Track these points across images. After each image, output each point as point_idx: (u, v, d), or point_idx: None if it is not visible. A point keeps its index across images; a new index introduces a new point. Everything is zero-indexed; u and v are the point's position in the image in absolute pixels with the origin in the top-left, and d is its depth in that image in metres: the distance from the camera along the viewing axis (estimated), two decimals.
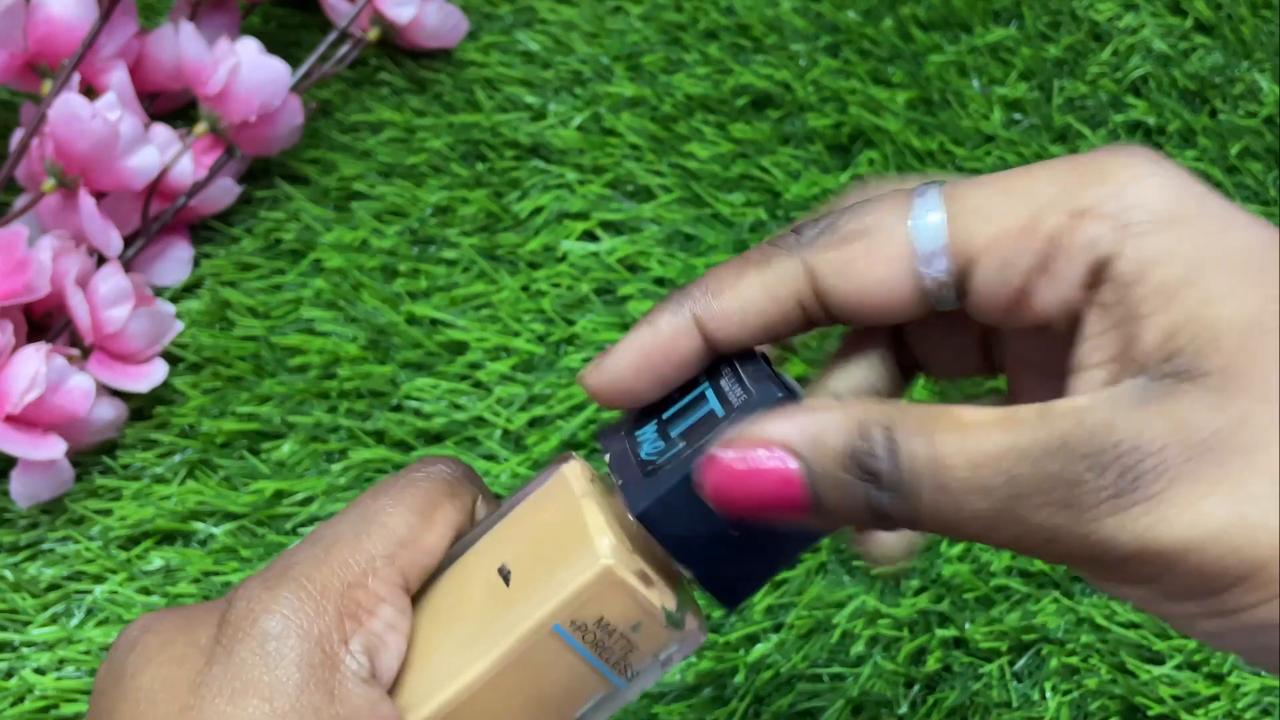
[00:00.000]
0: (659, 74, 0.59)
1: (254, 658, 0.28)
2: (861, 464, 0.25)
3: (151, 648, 0.29)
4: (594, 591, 0.28)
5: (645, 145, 0.58)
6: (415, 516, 0.30)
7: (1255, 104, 0.57)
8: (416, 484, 0.31)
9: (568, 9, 0.61)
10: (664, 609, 0.29)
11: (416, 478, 0.31)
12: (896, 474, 0.25)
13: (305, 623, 0.28)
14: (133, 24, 0.54)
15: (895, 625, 0.47)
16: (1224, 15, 0.59)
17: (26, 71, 0.53)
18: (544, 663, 0.29)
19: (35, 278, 0.48)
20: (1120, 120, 0.58)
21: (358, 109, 0.59)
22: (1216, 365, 0.24)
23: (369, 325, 0.54)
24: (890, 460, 0.25)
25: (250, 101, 0.53)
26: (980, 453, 0.25)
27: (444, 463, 0.32)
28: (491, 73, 0.60)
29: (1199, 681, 0.45)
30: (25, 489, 0.49)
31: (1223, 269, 0.25)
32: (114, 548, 0.50)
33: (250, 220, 0.57)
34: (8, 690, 0.47)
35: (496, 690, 0.29)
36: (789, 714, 0.46)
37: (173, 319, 0.52)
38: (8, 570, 0.49)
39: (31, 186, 0.53)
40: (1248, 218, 0.27)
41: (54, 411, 0.48)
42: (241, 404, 0.52)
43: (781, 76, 0.59)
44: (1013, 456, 0.25)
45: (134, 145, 0.51)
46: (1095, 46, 0.60)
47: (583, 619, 0.29)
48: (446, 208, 0.57)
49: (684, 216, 0.56)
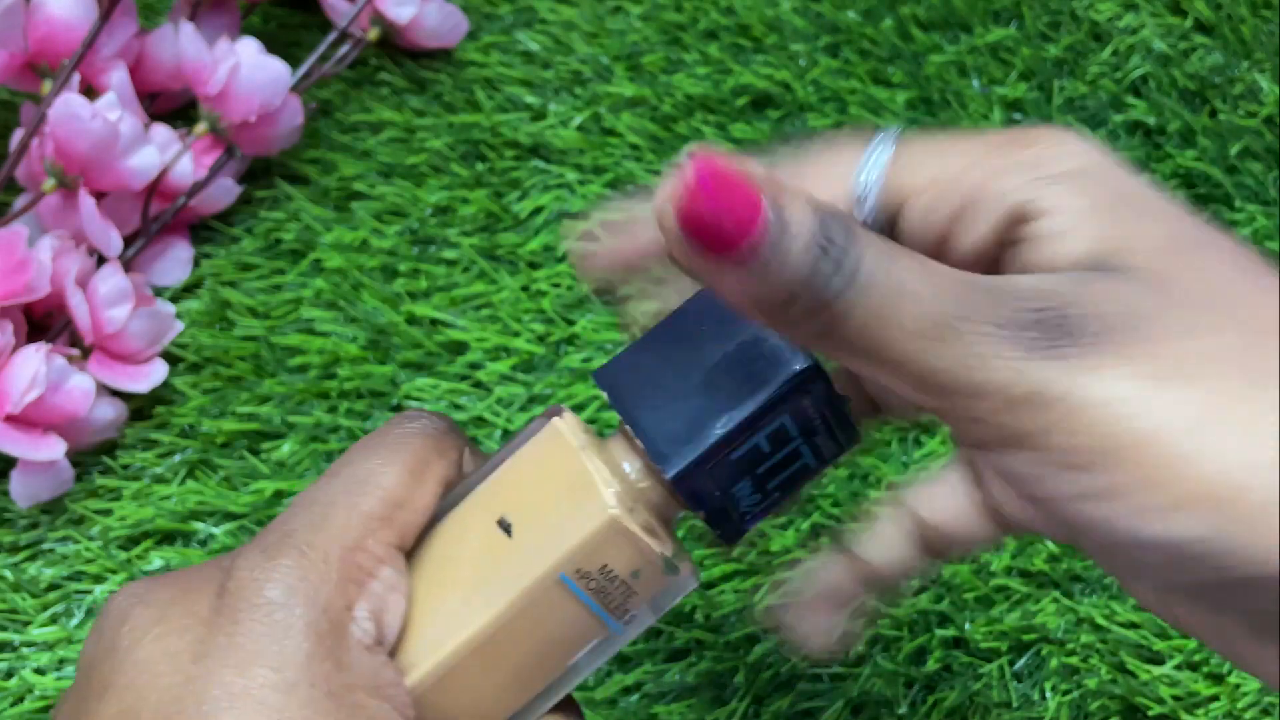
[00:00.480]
0: (659, 74, 0.59)
1: (260, 627, 0.27)
2: (825, 230, 0.24)
3: (147, 619, 0.29)
4: (600, 540, 0.29)
5: (645, 145, 0.58)
6: (407, 475, 0.30)
7: (1255, 104, 0.57)
8: (406, 441, 0.31)
9: (568, 9, 0.61)
10: (663, 556, 0.30)
11: (405, 434, 0.31)
12: (845, 256, 0.24)
13: (310, 590, 0.28)
14: (133, 24, 0.54)
15: (895, 625, 0.47)
16: (1224, 15, 0.59)
17: (26, 71, 0.53)
18: (548, 612, 0.29)
19: (35, 278, 0.48)
20: (1120, 120, 0.58)
21: (358, 109, 0.59)
22: (1142, 264, 0.26)
23: (369, 325, 0.54)
24: (848, 239, 0.24)
25: (250, 101, 0.53)
26: (935, 271, 0.25)
27: (428, 417, 0.32)
28: (491, 73, 0.60)
29: (1199, 681, 0.45)
30: (25, 489, 0.49)
31: (1133, 205, 0.27)
32: (114, 548, 0.50)
33: (250, 220, 0.57)
34: (8, 690, 0.47)
35: (501, 641, 0.29)
36: (789, 714, 0.46)
37: (173, 319, 0.52)
38: (8, 570, 0.49)
39: (31, 186, 0.53)
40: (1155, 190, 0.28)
41: (54, 411, 0.48)
42: (241, 404, 0.52)
43: (781, 76, 0.59)
44: (962, 283, 0.25)
45: (134, 145, 0.51)
46: (1095, 46, 0.60)
47: (587, 568, 0.29)
48: (446, 208, 0.57)
49: None
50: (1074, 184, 0.27)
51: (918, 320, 0.24)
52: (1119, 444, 0.24)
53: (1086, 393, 0.24)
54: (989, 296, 0.25)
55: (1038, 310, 0.25)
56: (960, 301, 0.25)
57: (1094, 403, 0.24)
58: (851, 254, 0.24)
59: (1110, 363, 0.24)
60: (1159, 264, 0.26)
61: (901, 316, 0.24)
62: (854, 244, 0.24)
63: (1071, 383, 0.24)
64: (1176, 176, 0.56)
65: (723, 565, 0.49)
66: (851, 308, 0.24)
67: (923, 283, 0.25)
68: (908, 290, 0.24)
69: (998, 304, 0.25)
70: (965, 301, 0.25)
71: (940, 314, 0.25)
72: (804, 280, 0.24)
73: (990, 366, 0.25)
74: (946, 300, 0.25)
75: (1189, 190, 0.56)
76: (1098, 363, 0.24)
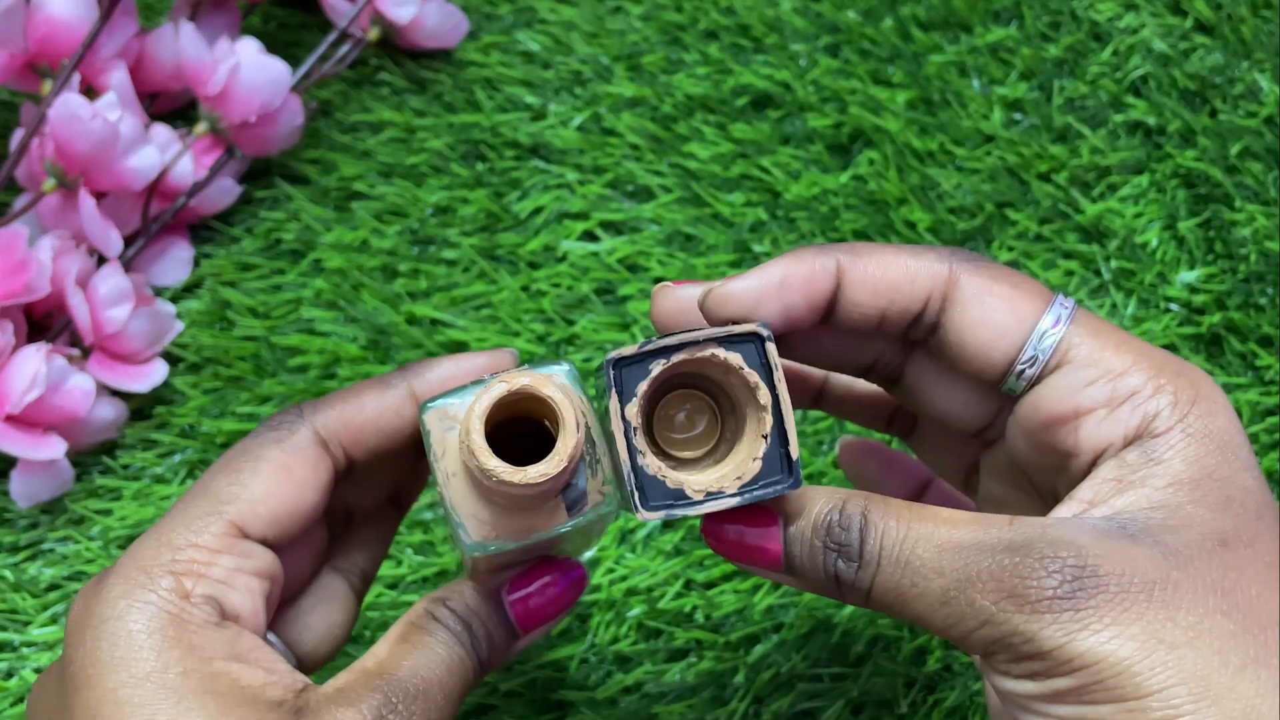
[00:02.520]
0: (659, 74, 0.59)
1: (102, 644, 0.31)
2: (831, 534, 0.30)
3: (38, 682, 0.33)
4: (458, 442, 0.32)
5: (645, 145, 0.58)
6: (231, 474, 0.34)
7: (1255, 104, 0.57)
8: (234, 447, 0.34)
9: (568, 9, 0.61)
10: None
11: (237, 445, 0.35)
12: (860, 547, 0.30)
13: (140, 594, 0.31)
14: (133, 24, 0.54)
15: (895, 625, 0.47)
16: (1224, 15, 0.59)
17: (26, 71, 0.53)
18: None
19: (35, 278, 0.48)
20: (1120, 120, 0.58)
21: (358, 109, 0.59)
22: (1169, 541, 0.29)
23: (369, 325, 0.54)
24: (858, 535, 0.30)
25: (250, 101, 0.53)
26: (949, 539, 0.30)
27: (268, 420, 0.35)
28: (491, 73, 0.60)
29: None
30: (25, 489, 0.49)
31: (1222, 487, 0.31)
32: (114, 548, 0.50)
33: (250, 220, 0.57)
34: (8, 690, 0.47)
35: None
36: (789, 714, 0.46)
37: (173, 319, 0.52)
38: (8, 570, 0.49)
39: (31, 186, 0.53)
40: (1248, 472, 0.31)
41: (54, 411, 0.48)
42: (241, 404, 0.52)
43: (781, 76, 0.59)
44: (976, 548, 0.29)
45: (134, 145, 0.51)
46: (1095, 46, 0.60)
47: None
48: (446, 208, 0.57)
49: (684, 216, 0.56)
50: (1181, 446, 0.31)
51: (925, 595, 0.30)
52: (1115, 696, 0.28)
53: (1098, 647, 0.28)
54: (1007, 556, 0.29)
55: (1052, 568, 0.28)
56: (970, 569, 0.29)
57: (1104, 659, 0.28)
58: (870, 544, 0.30)
59: (1125, 620, 0.28)
60: (1188, 542, 0.29)
61: (916, 590, 0.30)
62: (870, 535, 0.30)
63: (1085, 638, 0.28)
64: (1176, 176, 0.57)
65: (722, 565, 0.49)
66: (873, 587, 0.30)
67: (936, 558, 0.29)
68: (923, 569, 0.30)
69: (1014, 565, 0.29)
70: (982, 566, 0.29)
71: (952, 585, 0.29)
72: (822, 580, 0.31)
73: (1003, 623, 0.29)
74: (958, 572, 0.29)
75: (1189, 190, 0.56)
76: (1110, 622, 0.28)
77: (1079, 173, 0.57)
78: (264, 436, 0.34)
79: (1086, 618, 0.28)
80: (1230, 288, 0.54)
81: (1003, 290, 0.32)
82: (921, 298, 0.32)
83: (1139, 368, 0.31)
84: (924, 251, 0.32)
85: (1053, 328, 0.31)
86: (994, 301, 0.32)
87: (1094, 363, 0.31)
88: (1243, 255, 0.54)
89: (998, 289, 0.32)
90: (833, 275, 0.32)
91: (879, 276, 0.32)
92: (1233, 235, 0.55)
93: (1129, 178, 0.57)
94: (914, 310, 0.32)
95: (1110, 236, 0.55)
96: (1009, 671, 0.29)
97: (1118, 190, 0.57)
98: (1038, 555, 0.29)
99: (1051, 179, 0.57)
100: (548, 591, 0.35)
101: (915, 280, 0.32)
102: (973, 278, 0.32)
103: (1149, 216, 0.56)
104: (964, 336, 0.32)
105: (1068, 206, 0.56)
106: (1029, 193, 0.56)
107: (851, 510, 0.30)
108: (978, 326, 0.32)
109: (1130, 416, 0.31)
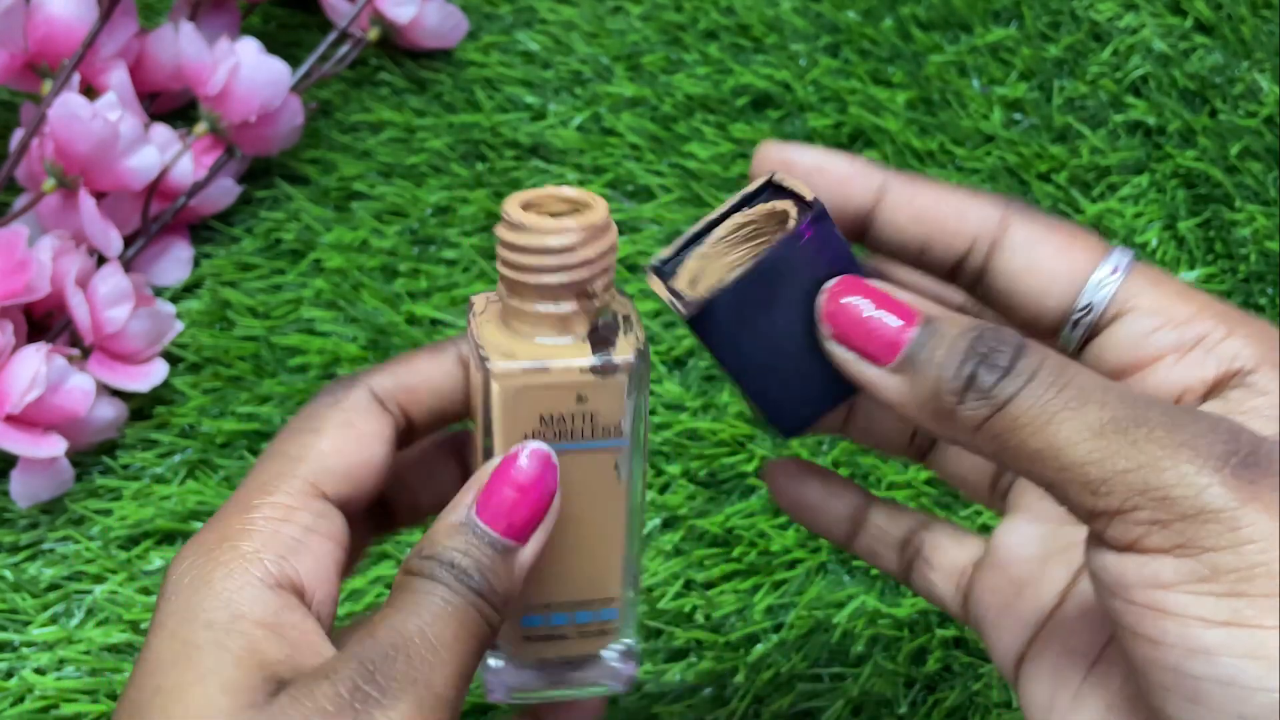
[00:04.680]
0: (659, 74, 0.59)
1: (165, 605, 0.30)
2: (983, 338, 0.27)
3: None
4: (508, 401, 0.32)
5: (645, 145, 0.58)
6: (301, 436, 0.33)
7: (1255, 104, 0.57)
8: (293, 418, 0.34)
9: (568, 9, 0.61)
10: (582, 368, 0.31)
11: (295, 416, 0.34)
12: (1013, 358, 0.27)
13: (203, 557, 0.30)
14: (133, 24, 0.54)
15: (895, 625, 0.47)
16: (1224, 15, 0.59)
17: (26, 71, 0.53)
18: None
19: (35, 278, 0.48)
20: (1120, 120, 0.58)
21: (358, 109, 0.59)
22: None
23: (369, 325, 0.54)
24: (1013, 348, 0.27)
25: (250, 101, 0.53)
26: (1115, 384, 0.27)
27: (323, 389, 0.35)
28: (491, 73, 0.60)
29: None
30: (25, 489, 0.49)
31: None
32: (114, 548, 0.50)
33: (250, 220, 0.57)
34: (8, 690, 0.47)
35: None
36: (789, 714, 0.46)
37: (173, 319, 0.52)
38: (8, 570, 0.49)
39: (31, 186, 0.53)
40: None
41: (54, 411, 0.48)
42: (241, 404, 0.52)
43: (781, 76, 0.59)
44: (1146, 399, 0.27)
45: (134, 145, 0.51)
46: (1095, 46, 0.60)
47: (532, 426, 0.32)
48: (446, 208, 0.57)
49: (684, 216, 0.56)
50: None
51: (1084, 423, 0.26)
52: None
53: (1261, 526, 0.25)
54: (1183, 415, 0.27)
55: (1230, 435, 0.26)
56: (1145, 411, 0.26)
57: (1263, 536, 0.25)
58: (1027, 359, 0.27)
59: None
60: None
61: (1069, 413, 0.26)
62: (1029, 350, 0.27)
63: (1256, 513, 0.25)
64: (1176, 176, 0.57)
65: (722, 565, 0.49)
66: (1011, 404, 0.27)
67: (1103, 391, 0.27)
68: (1084, 395, 0.27)
69: (1188, 421, 0.26)
70: (1151, 413, 0.26)
71: (1128, 417, 0.26)
72: (952, 382, 0.27)
73: (1181, 474, 0.26)
74: (1136, 406, 0.26)
75: (1189, 190, 0.56)
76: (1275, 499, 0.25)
77: (1079, 173, 0.57)
78: (321, 401, 0.34)
79: (1260, 491, 0.25)
80: (1230, 288, 0.54)
81: (1058, 239, 0.31)
82: (969, 236, 0.31)
83: (1204, 315, 0.30)
84: (979, 194, 0.31)
85: (1110, 275, 0.30)
86: (1048, 250, 0.31)
87: (1157, 310, 0.30)
88: (1243, 255, 0.54)
89: (1053, 237, 0.31)
90: (873, 191, 0.31)
91: (926, 206, 0.31)
92: (1233, 235, 0.55)
93: (1129, 178, 0.57)
94: (959, 249, 0.31)
95: (1110, 236, 0.55)
96: (1143, 540, 0.26)
97: (1118, 190, 0.57)
98: (1211, 422, 0.26)
99: (1051, 179, 0.57)
100: (514, 481, 0.32)
101: (964, 217, 0.31)
102: (1026, 224, 0.31)
103: (1149, 216, 0.56)
104: (1015, 284, 0.31)
105: (1068, 206, 0.56)
106: (1029, 193, 0.56)
107: (1008, 334, 0.28)
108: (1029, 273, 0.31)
109: (1205, 360, 0.29)
